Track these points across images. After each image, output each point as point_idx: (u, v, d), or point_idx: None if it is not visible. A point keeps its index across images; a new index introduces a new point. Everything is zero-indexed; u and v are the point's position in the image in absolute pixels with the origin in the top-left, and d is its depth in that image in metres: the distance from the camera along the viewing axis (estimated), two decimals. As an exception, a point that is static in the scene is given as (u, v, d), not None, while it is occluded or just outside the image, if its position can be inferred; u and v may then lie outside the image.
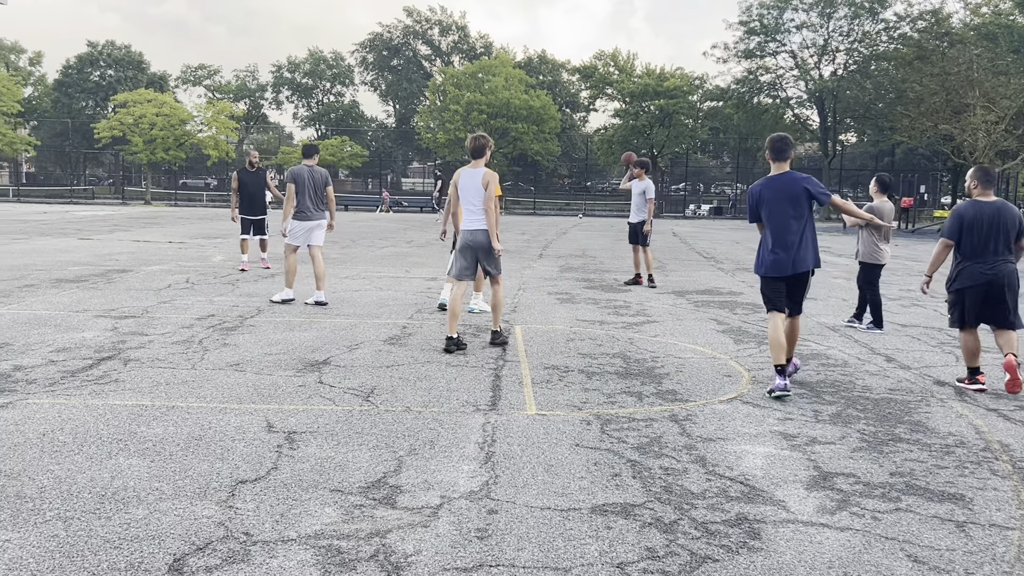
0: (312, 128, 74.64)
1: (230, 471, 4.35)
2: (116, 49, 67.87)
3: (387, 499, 4.04)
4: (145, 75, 67.67)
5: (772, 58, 51.77)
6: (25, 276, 12.04)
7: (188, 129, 53.87)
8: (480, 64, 58.49)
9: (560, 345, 8.00)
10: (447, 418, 5.43)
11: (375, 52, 75.80)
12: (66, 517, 3.71)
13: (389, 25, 75.48)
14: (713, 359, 7.55)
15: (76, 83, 66.73)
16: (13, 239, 19.12)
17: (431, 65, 77.20)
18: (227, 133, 54.43)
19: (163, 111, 51.82)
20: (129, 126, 51.39)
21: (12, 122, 55.92)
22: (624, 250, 20.65)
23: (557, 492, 4.18)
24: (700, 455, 4.82)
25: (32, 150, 59.02)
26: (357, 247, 19.48)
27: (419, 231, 27.09)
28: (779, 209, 6.37)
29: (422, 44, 77.13)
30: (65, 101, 66.40)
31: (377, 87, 78.11)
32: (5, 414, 5.21)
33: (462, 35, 76.45)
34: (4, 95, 52.73)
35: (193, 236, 21.59)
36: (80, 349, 7.18)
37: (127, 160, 59.89)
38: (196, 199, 57.36)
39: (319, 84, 75.36)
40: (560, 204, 61.91)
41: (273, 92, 74.61)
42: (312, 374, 6.55)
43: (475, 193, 7.71)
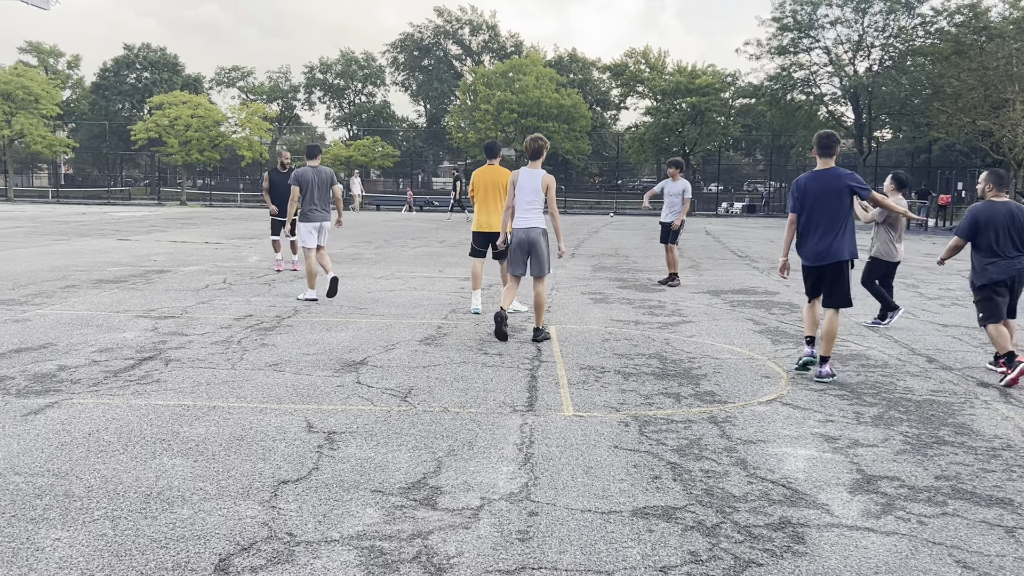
0: (344, 128, 75.09)
1: (272, 471, 4.39)
2: (152, 52, 68.76)
3: (428, 500, 4.06)
4: (180, 77, 68.48)
5: (806, 54, 51.25)
6: (67, 277, 12.25)
7: (222, 130, 54.44)
8: (511, 63, 58.46)
9: (595, 346, 7.98)
10: (484, 419, 5.44)
11: (406, 52, 76.09)
12: (113, 516, 3.77)
13: (420, 25, 75.74)
14: (751, 360, 7.49)
15: (113, 86, 67.70)
16: (54, 240, 19.45)
17: (461, 65, 77.33)
18: (260, 134, 54.90)
19: (198, 113, 52.39)
20: (165, 128, 52.04)
21: (51, 124, 56.91)
22: (658, 249, 20.54)
23: (597, 494, 4.16)
24: (741, 457, 4.78)
25: (70, 152, 59.98)
26: (390, 247, 19.58)
27: (451, 231, 27.15)
28: (823, 202, 6.75)
29: (452, 44, 77.27)
30: (102, 103, 67.40)
31: (408, 87, 78.40)
32: (52, 413, 5.30)
33: (492, 34, 76.48)
34: (43, 98, 53.62)
35: (228, 237, 21.81)
36: (122, 349, 7.28)
37: (162, 161, 60.69)
38: (230, 199, 57.94)
39: (351, 85, 75.78)
40: (590, 203, 61.75)
41: (305, 93, 75.16)
42: (350, 374, 6.59)
43: (533, 193, 8.12)
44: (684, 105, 54.12)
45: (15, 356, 6.94)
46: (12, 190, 55.95)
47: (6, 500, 3.91)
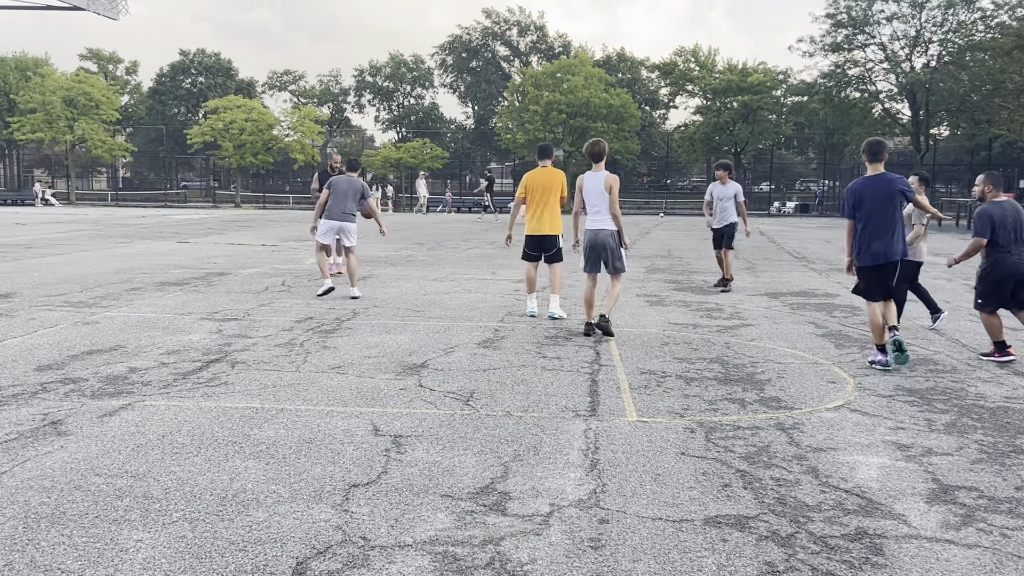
0: (393, 130, 75.74)
1: (342, 474, 4.44)
2: (206, 57, 70.13)
3: (497, 505, 4.06)
4: (234, 82, 69.74)
5: (861, 51, 50.30)
6: (131, 279, 12.55)
7: (275, 134, 55.31)
8: (560, 64, 58.38)
9: (655, 349, 7.93)
10: (548, 423, 5.44)
11: (454, 54, 76.45)
12: (191, 518, 3.84)
13: (468, 27, 76.00)
14: (815, 364, 7.37)
15: (169, 91, 69.20)
16: (116, 243, 19.94)
17: (509, 66, 77.45)
18: (312, 137, 55.65)
19: (251, 116, 53.31)
20: (220, 131, 53.03)
21: (111, 129, 58.37)
22: (711, 249, 20.34)
23: (667, 502, 4.13)
24: (811, 465, 4.71)
25: (129, 156, 61.45)
26: (442, 249, 19.68)
27: (501, 232, 27.20)
28: (879, 205, 7.18)
29: (500, 45, 77.42)
30: (159, 108, 68.92)
31: (456, 89, 78.74)
32: (126, 415, 5.43)
33: (540, 35, 76.46)
34: (104, 104, 55.06)
35: (284, 239, 22.13)
36: (188, 351, 7.44)
37: (217, 164, 61.86)
38: (283, 202, 58.81)
39: (399, 87, 76.39)
40: (639, 203, 61.38)
41: (355, 96, 75.98)
42: (411, 377, 6.64)
43: (598, 195, 8.39)
44: (735, 104, 53.51)
45: (87, 358, 7.12)
46: (74, 193, 57.52)
47: (88, 501, 4.01)
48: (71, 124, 53.88)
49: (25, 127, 53.96)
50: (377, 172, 60.62)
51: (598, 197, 8.40)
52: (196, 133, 54.12)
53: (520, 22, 76.12)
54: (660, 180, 74.11)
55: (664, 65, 58.36)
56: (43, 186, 56.54)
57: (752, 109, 53.06)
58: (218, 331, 8.43)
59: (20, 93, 56.56)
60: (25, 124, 53.96)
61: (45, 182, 62.49)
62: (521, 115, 56.30)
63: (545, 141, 11.16)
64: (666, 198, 61.10)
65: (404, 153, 58.08)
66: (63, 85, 54.16)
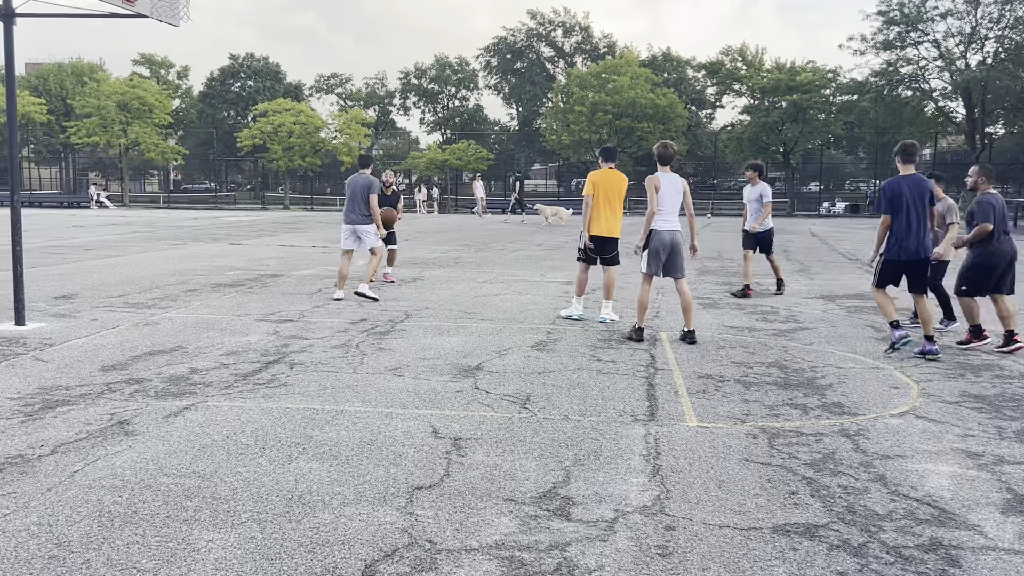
0: (438, 132, 76.12)
1: (405, 477, 4.46)
2: (255, 61, 71.15)
3: (561, 510, 4.05)
4: (282, 85, 70.63)
5: (913, 48, 49.24)
6: (187, 281, 12.77)
7: (322, 136, 55.95)
8: (605, 64, 58.18)
9: (711, 353, 7.84)
10: (607, 428, 5.40)
11: (499, 56, 76.57)
12: (260, 519, 3.89)
13: (513, 29, 76.08)
14: (876, 369, 7.23)
15: (219, 94, 70.35)
16: (171, 245, 20.32)
17: (554, 67, 77.37)
18: (359, 139, 56.17)
19: (299, 119, 53.97)
20: (269, 134, 53.79)
21: (163, 133, 59.56)
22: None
23: (734, 510, 4.08)
24: (879, 473, 4.61)
25: (180, 159, 62.63)
26: (489, 250, 19.72)
27: (547, 234, 27.18)
28: (914, 205, 7.64)
29: (545, 46, 77.37)
30: (209, 112, 70.11)
31: (500, 90, 78.85)
32: (190, 416, 5.52)
33: (585, 36, 76.25)
34: (156, 108, 56.19)
35: (334, 241, 22.34)
36: (247, 353, 7.54)
37: (266, 167, 62.77)
38: (330, 204, 59.43)
39: (444, 89, 76.72)
40: (686, 203, 60.82)
41: (401, 98, 76.50)
42: (467, 379, 6.65)
43: (676, 196, 8.42)
44: (783, 103, 52.79)
45: (149, 358, 7.26)
46: (127, 195, 58.80)
47: (159, 501, 4.08)
48: (125, 128, 55.09)
49: (81, 131, 55.32)
50: (423, 174, 60.98)
51: (675, 199, 8.37)
52: (246, 136, 54.96)
53: (565, 23, 76.00)
54: (707, 180, 73.42)
55: (711, 64, 57.78)
56: (98, 189, 57.93)
57: (801, 108, 52.26)
58: (275, 332, 8.53)
59: (76, 98, 57.99)
60: (81, 128, 55.31)
61: (100, 185, 64.02)
62: (566, 116, 56.23)
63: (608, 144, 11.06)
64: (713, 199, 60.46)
65: (449, 155, 58.35)
66: (117, 90, 55.40)
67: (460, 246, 20.99)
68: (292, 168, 55.97)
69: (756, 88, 54.20)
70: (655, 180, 8.40)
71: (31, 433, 5.11)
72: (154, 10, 7.97)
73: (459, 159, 58.36)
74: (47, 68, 66.02)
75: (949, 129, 51.72)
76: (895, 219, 7.68)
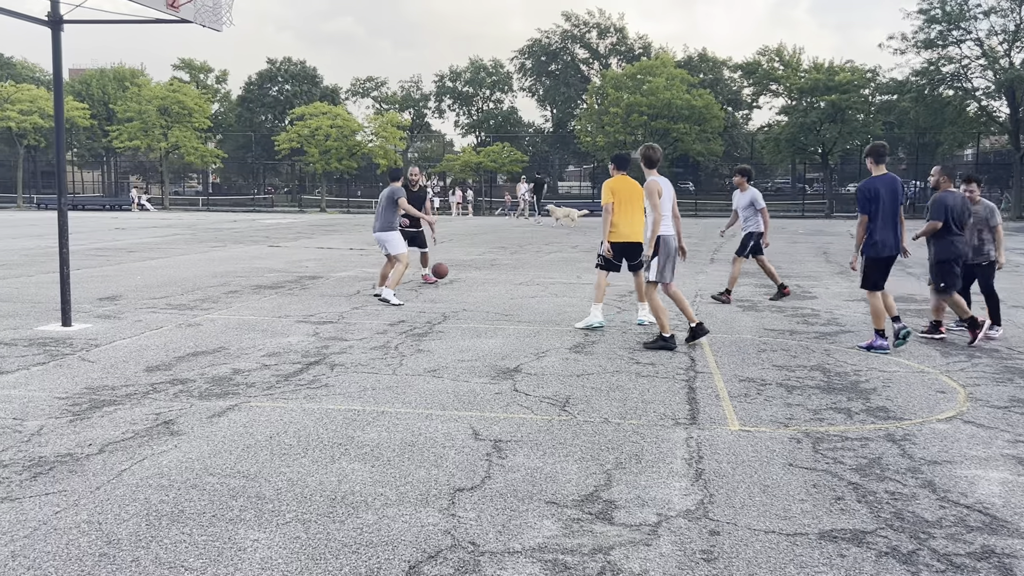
0: (472, 135, 76.30)
1: (447, 478, 4.46)
2: (292, 65, 71.84)
3: (603, 514, 4.03)
4: (319, 89, 71.24)
5: (955, 47, 48.39)
6: (228, 283, 12.93)
7: (358, 139, 56.37)
8: (641, 65, 57.92)
9: (751, 356, 7.76)
10: (648, 431, 5.37)
11: (533, 58, 76.58)
12: (304, 519, 3.92)
13: (548, 31, 76.04)
14: (921, 373, 7.11)
15: (257, 98, 71.13)
16: (212, 247, 20.59)
17: (589, 68, 77.21)
18: (394, 142, 56.51)
19: (336, 123, 54.43)
20: (306, 138, 54.32)
21: (202, 136, 60.42)
22: (802, 253, 19.90)
23: (779, 515, 4.03)
24: (927, 479, 4.53)
25: (219, 162, 63.45)
26: (525, 252, 19.72)
27: (582, 235, 27.12)
28: (890, 203, 7.97)
29: (580, 48, 77.25)
30: (247, 115, 70.91)
31: (535, 92, 78.82)
32: (234, 416, 5.59)
33: (620, 37, 75.99)
34: (196, 112, 57.00)
35: (370, 243, 22.48)
36: (288, 354, 7.61)
37: (303, 170, 63.37)
38: (366, 206, 59.82)
39: (479, 92, 76.88)
40: (722, 204, 60.36)
41: (436, 101, 76.80)
42: (506, 381, 6.65)
43: (672, 201, 8.26)
44: (822, 103, 52.16)
45: (193, 359, 7.36)
46: (168, 198, 59.71)
47: (205, 500, 4.13)
48: (165, 132, 55.96)
49: (123, 135, 56.28)
50: (457, 176, 61.15)
51: (671, 202, 8.24)
52: (283, 139, 55.56)
53: (600, 24, 75.81)
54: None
55: (747, 65, 57.23)
56: (139, 192, 58.91)
57: (840, 109, 51.61)
58: (315, 334, 8.61)
59: (118, 103, 59.01)
60: (123, 132, 56.27)
61: (141, 188, 65.03)
62: (601, 117, 56.06)
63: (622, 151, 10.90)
64: (749, 200, 59.90)
65: (483, 157, 58.45)
66: (158, 94, 56.28)
67: (495, 248, 21.01)
68: (328, 171, 56.47)
69: (793, 88, 53.63)
70: (656, 185, 8.18)
71: (79, 432, 5.20)
72: (198, 15, 8.08)
73: (493, 161, 58.44)
74: (90, 73, 67.24)
75: (992, 129, 50.74)
76: (872, 218, 7.98)
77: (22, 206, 54.88)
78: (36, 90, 55.77)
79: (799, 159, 55.35)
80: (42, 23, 8.48)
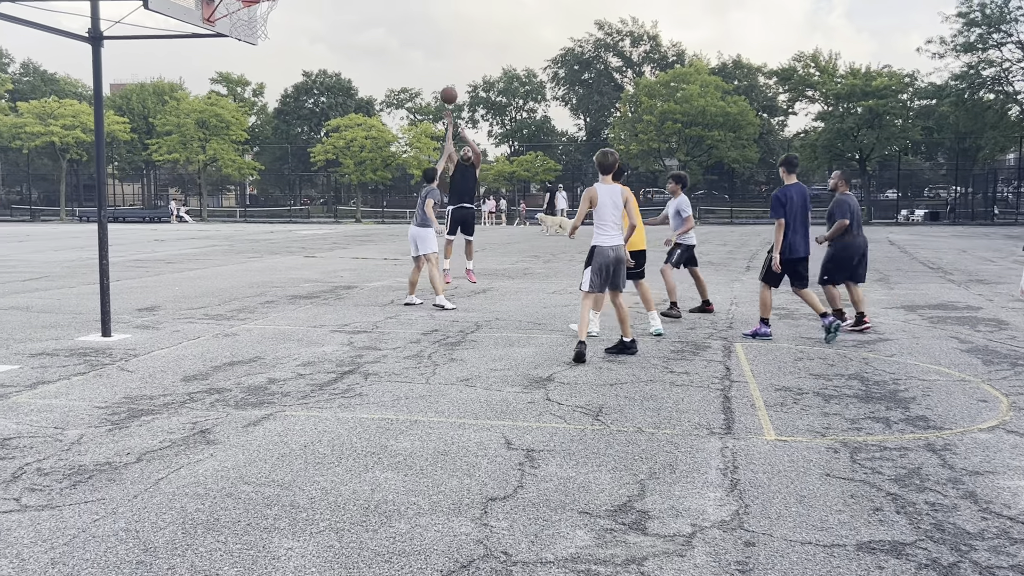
0: (506, 144, 76.53)
1: (479, 487, 4.46)
2: (328, 77, 72.68)
3: (637, 524, 4.00)
4: (353, 100, 71.98)
5: (996, 50, 47.63)
6: (264, 293, 13.07)
7: (393, 150, 56.80)
8: (674, 72, 57.77)
9: (788, 365, 7.67)
10: (682, 441, 5.32)
11: (566, 67, 76.70)
12: (337, 528, 3.94)
13: (581, 40, 76.15)
14: (962, 382, 6.97)
15: (293, 111, 72.04)
16: (249, 258, 20.85)
17: (622, 77, 77.12)
18: (428, 153, 56.85)
19: (371, 134, 54.94)
20: (341, 149, 54.88)
21: (239, 149, 61.29)
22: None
23: (815, 526, 3.97)
24: (969, 490, 4.44)
25: (256, 174, 64.29)
26: (558, 261, 19.71)
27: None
28: (800, 209, 8.86)
29: (613, 56, 77.22)
30: (283, 127, 71.83)
31: (568, 101, 78.94)
32: (269, 425, 5.64)
33: (654, 45, 75.87)
34: (233, 125, 57.88)
35: (404, 253, 22.61)
36: (323, 363, 7.66)
37: (338, 181, 63.98)
38: (400, 216, 60.22)
39: (512, 101, 77.18)
40: (757, 212, 59.89)
41: (469, 111, 77.16)
42: (539, 391, 6.64)
43: (617, 210, 7.91)
44: (859, 109, 51.55)
45: (229, 369, 7.44)
46: (205, 210, 60.59)
47: (240, 509, 4.16)
48: (203, 144, 56.89)
49: (162, 148, 57.32)
50: (490, 186, 61.34)
51: (616, 212, 7.86)
52: (319, 151, 56.19)
53: (633, 32, 75.74)
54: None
55: (782, 71, 56.79)
56: (177, 204, 59.87)
57: (877, 114, 50.97)
58: (349, 343, 8.66)
59: (158, 116, 60.13)
60: (162, 145, 57.31)
61: (179, 200, 66.10)
62: (634, 125, 55.94)
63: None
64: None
65: (517, 167, 58.61)
66: (196, 108, 57.25)
67: (528, 257, 21.02)
68: (363, 182, 56.95)
69: (830, 94, 53.04)
70: (591, 192, 7.89)
71: (118, 441, 5.28)
72: (233, 29, 8.20)
73: (527, 171, 58.54)
74: (130, 88, 68.58)
75: (1034, 132, 49.74)
76: (789, 223, 8.78)
77: (64, 219, 56.02)
78: (78, 105, 57.01)
79: (836, 165, 54.61)
80: (83, 39, 8.67)
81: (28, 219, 57.62)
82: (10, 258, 20.47)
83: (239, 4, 8.18)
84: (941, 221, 49.06)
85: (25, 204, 64.13)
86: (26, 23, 7.88)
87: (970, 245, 25.97)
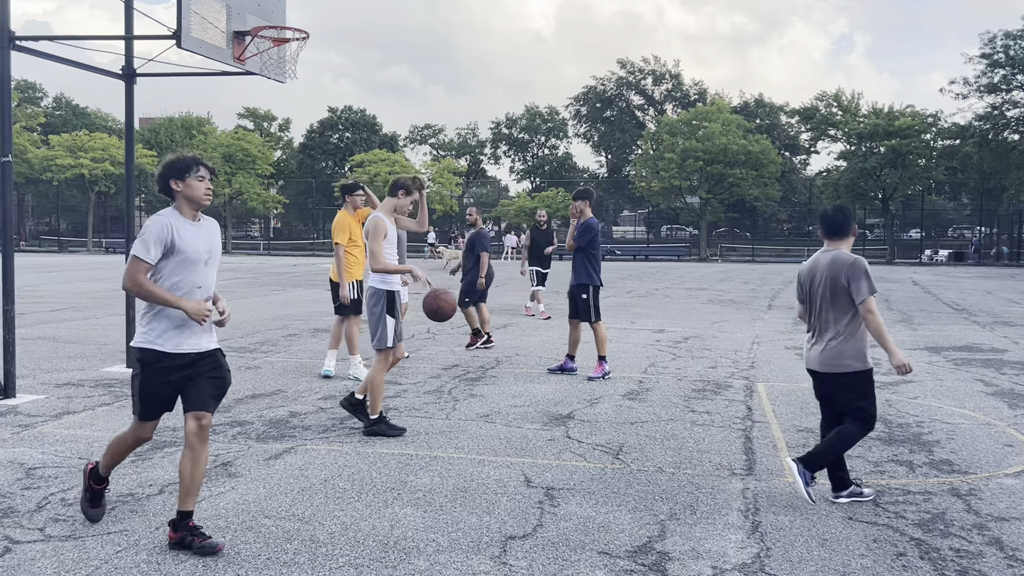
0: (527, 180, 76.93)
1: (498, 526, 4.45)
2: (352, 113, 73.60)
3: (656, 566, 3.97)
4: (377, 136, 72.77)
5: (1020, 91, 47.52)
6: (287, 326, 13.16)
7: (416, 185, 57.23)
8: (696, 111, 58.00)
9: (810, 406, 7.60)
10: (703, 481, 5.29)
11: (588, 104, 77.31)
12: (357, 564, 3.94)
13: (603, 78, 76.81)
14: (988, 426, 6.89)
15: (318, 145, 72.91)
16: (271, 291, 21.02)
17: (644, 115, 77.57)
18: (451, 188, 57.29)
19: (395, 169, 55.45)
20: (365, 184, 55.40)
21: (265, 183, 62.05)
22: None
23: (838, 570, 3.93)
24: (994, 536, 4.38)
25: (280, 208, 64.94)
26: (580, 298, 19.68)
27: (637, 280, 27.02)
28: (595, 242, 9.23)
29: (635, 94, 77.79)
30: (308, 162, 72.67)
31: (590, 138, 79.44)
32: (290, 459, 5.66)
33: (676, 83, 76.37)
34: (259, 159, 58.66)
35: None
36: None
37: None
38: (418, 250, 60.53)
39: (534, 138, 77.73)
40: (779, 250, 59.71)
41: (492, 147, 77.78)
42: (559, 428, 6.63)
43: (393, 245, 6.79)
44: (882, 148, 51.47)
45: (251, 402, 7.49)
46: (230, 243, 61.19)
47: (260, 542, 4.18)
48: (229, 178, 57.61)
49: (189, 181, 58.01)
50: (512, 221, 61.58)
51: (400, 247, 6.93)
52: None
53: (655, 71, 76.32)
54: (801, 227, 71.90)
55: (804, 110, 56.91)
56: (203, 236, 60.39)
57: (900, 154, 50.87)
58: (370, 378, 8.67)
59: (185, 150, 60.95)
60: (189, 179, 58.01)
61: (205, 232, 66.69)
62: (656, 163, 56.12)
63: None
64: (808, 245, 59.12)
65: (538, 202, 58.80)
66: (223, 142, 58.14)
67: (549, 292, 21.02)
68: (386, 216, 57.32)
69: (852, 133, 53.03)
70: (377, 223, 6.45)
71: (140, 473, 5.32)
72: (264, 68, 8.37)
73: (548, 206, 58.74)
74: (158, 122, 69.75)
75: (1060, 174, 49.34)
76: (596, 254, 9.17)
77: (92, 250, 56.78)
78: (108, 138, 58.05)
79: (859, 204, 54.45)
80: (117, 76, 8.88)
81: (56, 250, 58.44)
82: (39, 288, 20.75)
83: (269, 43, 8.35)
84: (966, 261, 48.64)
85: (53, 235, 65.13)
86: (66, 61, 8.09)
87: (996, 286, 25.72)
